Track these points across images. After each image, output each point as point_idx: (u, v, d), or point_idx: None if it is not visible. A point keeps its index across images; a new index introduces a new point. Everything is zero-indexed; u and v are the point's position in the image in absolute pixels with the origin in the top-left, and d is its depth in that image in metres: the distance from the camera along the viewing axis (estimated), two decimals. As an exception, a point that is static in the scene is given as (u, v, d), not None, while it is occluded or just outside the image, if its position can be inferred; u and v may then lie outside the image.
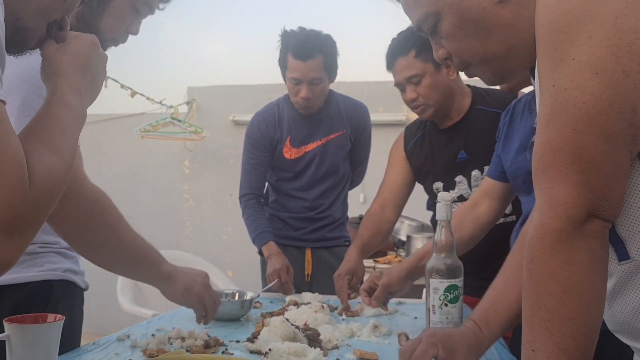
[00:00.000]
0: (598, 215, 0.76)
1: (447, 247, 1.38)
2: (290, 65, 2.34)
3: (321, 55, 2.33)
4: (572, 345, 0.77)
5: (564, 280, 0.77)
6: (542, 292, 0.79)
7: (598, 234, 0.77)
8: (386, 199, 2.20)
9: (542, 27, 0.80)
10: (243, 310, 1.79)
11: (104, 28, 1.48)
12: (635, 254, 0.82)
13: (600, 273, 0.78)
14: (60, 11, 0.94)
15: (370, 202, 2.25)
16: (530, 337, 0.81)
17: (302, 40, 2.32)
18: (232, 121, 4.72)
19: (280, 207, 2.55)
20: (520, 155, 1.59)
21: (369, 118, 2.60)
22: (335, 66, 2.42)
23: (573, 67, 0.75)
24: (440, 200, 1.40)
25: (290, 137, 2.49)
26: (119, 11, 1.49)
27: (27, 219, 0.74)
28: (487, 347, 1.21)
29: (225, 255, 4.74)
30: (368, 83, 4.26)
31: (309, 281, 2.51)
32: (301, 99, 2.38)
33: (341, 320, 1.76)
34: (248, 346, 1.41)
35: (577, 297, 0.77)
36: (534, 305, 0.80)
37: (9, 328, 1.07)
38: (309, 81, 2.34)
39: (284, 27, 2.40)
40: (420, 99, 2.00)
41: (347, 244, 2.60)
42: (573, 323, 0.77)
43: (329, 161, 2.50)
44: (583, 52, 0.74)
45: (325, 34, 2.39)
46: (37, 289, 1.35)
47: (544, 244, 0.79)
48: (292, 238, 2.52)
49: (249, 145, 2.52)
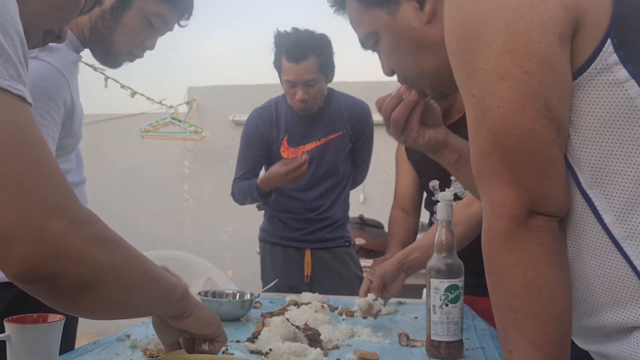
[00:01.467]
0: (539, 211, 0.79)
1: (448, 247, 1.38)
2: (284, 67, 2.33)
3: (315, 56, 2.30)
4: (543, 339, 0.78)
5: (520, 277, 0.79)
6: (503, 292, 0.81)
7: (544, 228, 0.79)
8: (403, 203, 2.24)
9: (451, 42, 0.84)
10: (243, 310, 1.79)
11: (117, 41, 1.48)
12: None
13: (555, 264, 0.80)
14: (57, 20, 0.94)
15: (370, 203, 2.26)
16: (504, 340, 0.83)
17: (294, 42, 2.30)
18: (232, 121, 4.72)
19: (280, 207, 2.53)
20: None
21: (370, 116, 2.57)
22: (331, 66, 2.39)
23: (483, 75, 0.79)
24: (441, 199, 1.40)
25: (288, 136, 2.48)
26: (133, 25, 1.48)
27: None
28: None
29: (225, 255, 4.74)
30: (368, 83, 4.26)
31: (309, 282, 2.50)
32: (298, 101, 2.36)
33: (341, 320, 1.76)
34: (248, 346, 1.41)
35: (536, 291, 0.78)
36: (501, 307, 0.82)
37: (9, 328, 1.07)
38: (303, 83, 2.33)
39: (277, 29, 2.38)
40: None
41: (348, 244, 2.59)
42: (539, 317, 0.78)
43: (329, 162, 2.49)
44: (487, 60, 0.79)
45: (319, 33, 2.36)
46: None
47: (495, 246, 0.82)
48: (291, 239, 2.51)
49: (243, 142, 2.51)
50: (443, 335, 1.35)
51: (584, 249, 0.83)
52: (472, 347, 1.46)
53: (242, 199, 2.50)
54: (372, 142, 2.62)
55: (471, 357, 1.38)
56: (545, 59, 0.77)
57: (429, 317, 1.38)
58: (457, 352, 1.36)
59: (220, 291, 1.94)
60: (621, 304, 0.80)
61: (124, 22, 1.48)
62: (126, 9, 1.48)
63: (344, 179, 2.56)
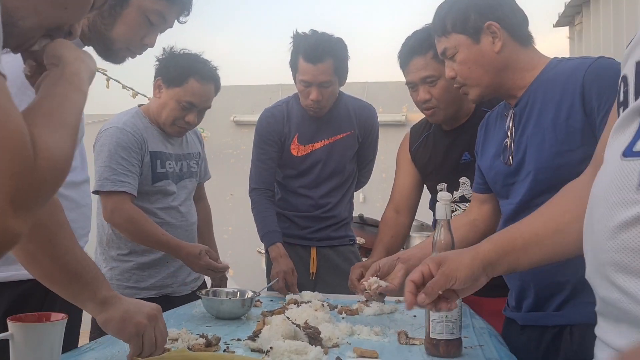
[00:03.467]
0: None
1: (447, 247, 1.39)
2: (301, 67, 2.36)
3: (332, 59, 2.34)
4: None
5: None
6: None
7: None
8: (398, 203, 2.24)
9: None
10: (244, 309, 1.80)
11: (115, 37, 1.47)
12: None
13: None
14: (62, 18, 0.94)
15: (370, 202, 2.26)
16: None
17: (313, 44, 2.33)
18: (233, 121, 4.73)
19: (286, 205, 2.57)
20: (497, 160, 1.61)
21: (376, 119, 2.63)
22: (346, 70, 2.44)
23: None
24: (439, 200, 1.41)
25: (299, 134, 2.51)
26: (131, 21, 1.48)
27: (33, 191, 0.71)
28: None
29: (226, 255, 4.74)
30: (368, 83, 4.27)
31: (314, 280, 2.53)
32: (311, 102, 2.40)
33: (341, 318, 1.77)
34: (249, 344, 1.42)
35: None
36: None
37: (12, 327, 1.08)
38: (319, 84, 2.36)
39: (296, 30, 2.41)
40: (433, 101, 2.01)
41: (352, 243, 2.64)
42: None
43: (336, 160, 2.53)
44: None
45: (336, 37, 2.40)
46: (33, 287, 1.33)
47: None
48: (297, 237, 2.54)
49: (258, 140, 2.53)
50: (442, 333, 1.36)
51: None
52: (470, 345, 1.47)
53: (256, 221, 2.51)
54: (377, 144, 2.67)
55: (470, 356, 1.39)
56: None
57: (427, 316, 1.38)
58: (456, 350, 1.37)
59: (221, 290, 1.96)
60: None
61: (122, 19, 1.48)
62: (124, 6, 1.47)
63: (349, 178, 2.60)
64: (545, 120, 1.48)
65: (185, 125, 2.24)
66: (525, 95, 1.55)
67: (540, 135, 1.49)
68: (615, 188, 0.80)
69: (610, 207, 0.80)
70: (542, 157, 1.48)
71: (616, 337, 0.81)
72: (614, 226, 0.79)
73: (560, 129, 1.45)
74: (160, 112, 2.23)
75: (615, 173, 0.81)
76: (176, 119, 2.22)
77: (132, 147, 2.16)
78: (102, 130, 2.23)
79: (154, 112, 2.26)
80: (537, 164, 1.49)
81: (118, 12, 1.47)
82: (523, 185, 1.53)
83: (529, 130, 1.52)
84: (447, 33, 1.61)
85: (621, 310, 0.78)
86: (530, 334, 1.54)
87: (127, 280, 2.23)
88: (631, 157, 0.79)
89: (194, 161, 2.40)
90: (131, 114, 2.26)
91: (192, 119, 2.23)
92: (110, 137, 2.17)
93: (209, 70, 2.24)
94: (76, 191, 1.53)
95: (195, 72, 2.20)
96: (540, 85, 1.53)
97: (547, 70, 1.54)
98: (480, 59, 1.58)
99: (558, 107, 1.46)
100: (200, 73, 2.20)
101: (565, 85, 1.46)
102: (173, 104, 2.20)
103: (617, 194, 0.79)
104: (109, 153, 2.14)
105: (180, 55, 2.25)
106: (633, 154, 0.79)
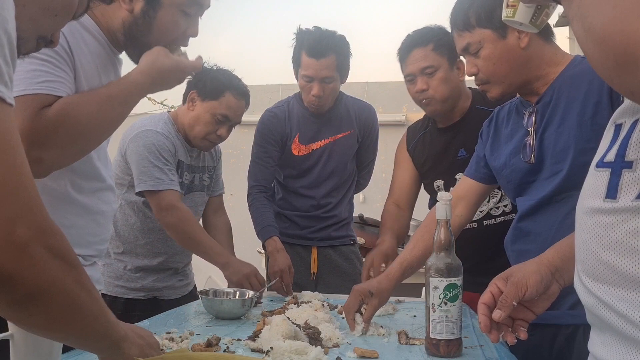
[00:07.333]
0: None
1: (447, 246, 1.39)
2: (304, 62, 2.37)
3: (335, 55, 2.36)
4: None
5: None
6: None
7: None
8: (398, 198, 2.27)
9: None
10: (244, 309, 1.80)
11: (152, 42, 1.43)
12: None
13: None
14: (51, 25, 0.95)
15: (370, 202, 2.27)
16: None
17: (316, 39, 2.35)
18: (232, 121, 4.73)
19: (287, 205, 2.57)
20: (515, 157, 1.59)
21: (376, 120, 2.64)
22: (347, 67, 2.45)
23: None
24: (439, 199, 1.41)
25: (300, 134, 2.52)
26: (168, 21, 1.43)
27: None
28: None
29: (226, 255, 4.74)
30: (368, 84, 4.27)
31: (315, 280, 2.53)
32: (313, 97, 2.40)
33: (341, 318, 1.77)
34: (249, 344, 1.42)
35: None
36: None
37: (12, 327, 1.08)
38: (321, 79, 2.37)
39: (299, 26, 2.43)
40: (430, 91, 2.02)
41: (353, 242, 2.65)
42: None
43: (336, 160, 2.54)
44: None
45: (339, 34, 2.42)
46: None
47: None
48: (298, 237, 2.55)
49: (260, 138, 2.54)
50: (442, 333, 1.36)
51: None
52: (470, 345, 1.47)
53: (252, 218, 2.51)
54: (377, 145, 2.67)
55: (470, 356, 1.39)
56: None
57: (428, 316, 1.39)
58: (456, 350, 1.37)
59: (221, 290, 1.96)
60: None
61: (158, 22, 1.43)
62: (157, 9, 1.42)
63: (349, 178, 2.61)
64: (571, 117, 1.45)
65: (216, 139, 2.26)
66: (549, 92, 1.52)
67: (566, 132, 1.46)
68: (588, 198, 0.81)
69: (584, 216, 0.82)
70: (566, 155, 1.45)
71: (600, 347, 0.80)
72: (586, 235, 0.80)
73: (586, 126, 1.42)
74: (192, 125, 2.24)
75: (588, 183, 0.82)
76: (208, 132, 2.23)
77: (171, 151, 2.20)
78: (136, 133, 2.20)
79: (184, 123, 2.26)
80: (561, 162, 1.46)
81: (152, 15, 1.42)
82: (546, 183, 1.50)
83: (552, 127, 1.50)
84: (470, 27, 1.55)
85: (598, 317, 0.79)
86: (542, 334, 1.49)
87: (118, 279, 2.24)
88: (602, 168, 0.80)
89: (207, 175, 2.40)
90: (164, 121, 2.27)
91: (223, 133, 2.25)
92: (152, 138, 2.17)
93: (243, 87, 2.29)
94: (89, 197, 1.47)
95: (231, 87, 2.24)
96: (565, 82, 1.50)
97: (571, 66, 1.51)
98: (506, 55, 1.53)
99: (584, 104, 1.43)
100: (236, 88, 2.25)
101: (592, 82, 1.42)
102: (208, 117, 2.22)
103: (589, 204, 0.80)
104: (154, 154, 2.14)
105: (216, 70, 2.29)
106: (604, 164, 0.79)
